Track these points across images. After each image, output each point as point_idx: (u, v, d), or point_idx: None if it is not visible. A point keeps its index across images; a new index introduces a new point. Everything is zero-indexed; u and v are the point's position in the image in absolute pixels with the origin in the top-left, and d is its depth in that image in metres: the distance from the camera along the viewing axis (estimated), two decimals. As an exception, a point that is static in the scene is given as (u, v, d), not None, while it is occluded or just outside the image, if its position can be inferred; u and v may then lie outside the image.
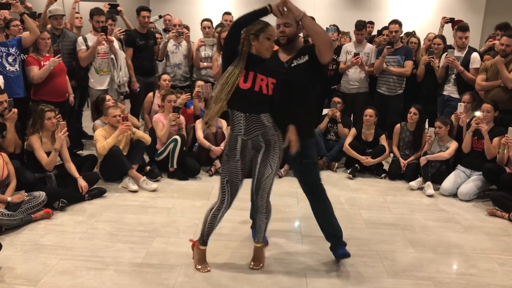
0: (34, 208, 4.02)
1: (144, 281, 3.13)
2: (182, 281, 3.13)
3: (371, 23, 8.11)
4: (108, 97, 5.40)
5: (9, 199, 3.90)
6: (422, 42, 6.72)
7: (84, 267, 3.28)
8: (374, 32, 7.71)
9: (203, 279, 3.17)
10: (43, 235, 3.77)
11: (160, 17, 7.74)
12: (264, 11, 2.91)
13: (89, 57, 5.66)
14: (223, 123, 5.69)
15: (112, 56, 5.81)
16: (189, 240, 3.41)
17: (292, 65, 3.15)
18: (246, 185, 3.30)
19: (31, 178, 4.32)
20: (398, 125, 5.70)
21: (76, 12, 6.52)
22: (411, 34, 6.80)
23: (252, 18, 2.93)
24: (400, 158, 5.54)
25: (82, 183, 4.49)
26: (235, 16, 6.93)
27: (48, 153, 4.43)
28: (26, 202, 3.99)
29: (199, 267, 3.28)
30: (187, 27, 6.98)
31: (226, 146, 3.15)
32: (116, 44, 5.87)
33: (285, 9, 3.00)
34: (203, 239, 3.27)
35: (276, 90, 3.01)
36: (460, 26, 5.65)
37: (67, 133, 4.52)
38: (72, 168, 4.58)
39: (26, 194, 4.07)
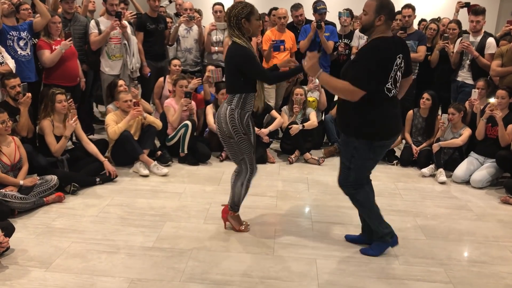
0: (46, 192, 4.06)
1: (154, 264, 3.15)
2: (192, 265, 3.15)
3: None
4: (121, 82, 5.39)
5: (21, 182, 3.94)
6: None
7: (95, 250, 3.30)
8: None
9: (213, 263, 3.18)
10: (55, 218, 3.80)
11: (170, 1, 7.68)
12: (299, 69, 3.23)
13: (100, 41, 5.64)
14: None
15: (125, 41, 5.78)
16: (221, 205, 3.70)
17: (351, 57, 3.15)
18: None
19: (43, 162, 4.35)
20: (410, 111, 5.64)
21: None
22: (435, 20, 6.69)
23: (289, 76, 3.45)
24: (412, 144, 5.49)
25: (110, 167, 4.59)
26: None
27: (59, 138, 4.45)
28: (38, 185, 4.03)
29: (242, 227, 3.61)
30: (199, 12, 6.92)
31: (238, 126, 3.25)
32: (129, 29, 5.83)
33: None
34: (239, 207, 3.59)
35: None
36: (473, 10, 5.53)
37: (77, 121, 4.54)
38: (95, 150, 4.65)
39: (38, 177, 4.11)
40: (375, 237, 3.35)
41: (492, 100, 4.84)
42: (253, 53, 3.19)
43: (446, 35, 5.86)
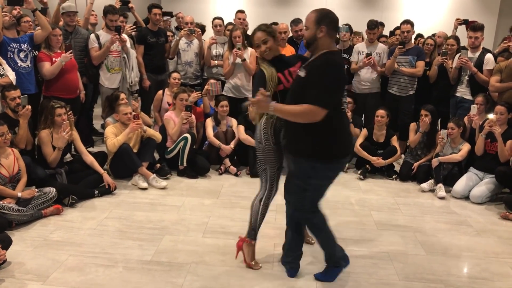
0: (44, 204, 4.03)
1: (153, 279, 3.12)
2: (191, 280, 3.12)
3: (382, 24, 8.02)
4: (122, 95, 5.39)
5: (19, 194, 3.92)
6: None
7: (93, 264, 3.28)
8: (386, 33, 7.65)
9: (212, 278, 3.15)
10: (53, 231, 3.77)
11: (172, 16, 7.73)
12: None
13: (101, 56, 5.66)
14: (233, 121, 5.67)
15: (124, 55, 5.80)
16: (238, 238, 3.33)
17: (297, 72, 2.90)
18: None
19: (42, 174, 4.34)
20: (413, 123, 5.66)
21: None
22: (429, 37, 6.72)
23: None
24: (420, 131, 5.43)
25: (109, 180, 4.59)
26: (248, 14, 6.95)
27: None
28: (36, 198, 4.00)
29: (253, 263, 3.29)
30: (202, 26, 6.95)
31: (266, 136, 3.10)
32: (128, 43, 5.86)
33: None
34: (256, 233, 3.27)
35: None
36: (471, 26, 5.58)
37: (71, 132, 4.52)
38: (94, 162, 4.66)
39: (36, 190, 4.09)
40: (330, 262, 3.19)
41: (491, 115, 4.85)
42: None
43: (444, 50, 5.90)
